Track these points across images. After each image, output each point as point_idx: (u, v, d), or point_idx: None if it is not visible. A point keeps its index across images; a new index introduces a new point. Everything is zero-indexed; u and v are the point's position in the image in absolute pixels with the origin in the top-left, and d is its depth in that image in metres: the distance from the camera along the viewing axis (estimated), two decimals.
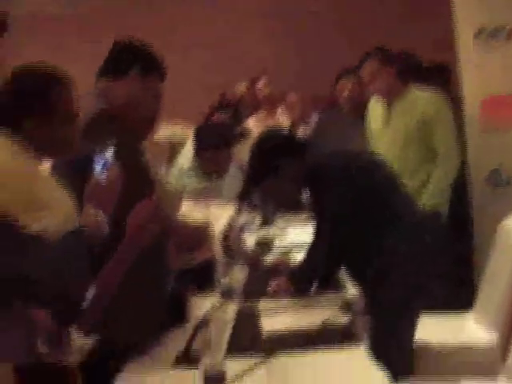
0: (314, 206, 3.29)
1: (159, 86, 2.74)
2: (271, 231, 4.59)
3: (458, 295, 3.99)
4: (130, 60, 2.62)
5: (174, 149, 5.12)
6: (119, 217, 2.01)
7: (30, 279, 1.57)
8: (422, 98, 4.25)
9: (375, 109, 4.42)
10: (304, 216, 4.83)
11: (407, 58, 5.06)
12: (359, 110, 4.66)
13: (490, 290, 3.52)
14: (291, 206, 5.25)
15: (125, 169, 2.11)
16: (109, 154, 2.08)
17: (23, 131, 2.01)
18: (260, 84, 6.00)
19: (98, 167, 2.07)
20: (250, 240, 4.38)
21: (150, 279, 2.52)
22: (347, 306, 2.80)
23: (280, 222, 4.84)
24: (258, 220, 4.99)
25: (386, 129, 4.27)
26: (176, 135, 5.38)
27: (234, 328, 2.70)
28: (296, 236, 4.31)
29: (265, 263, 3.70)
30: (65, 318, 1.83)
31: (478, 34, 4.45)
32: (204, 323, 2.40)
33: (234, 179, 4.92)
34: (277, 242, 4.27)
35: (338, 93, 5.13)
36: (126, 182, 2.09)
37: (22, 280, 1.56)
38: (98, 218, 1.89)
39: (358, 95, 4.67)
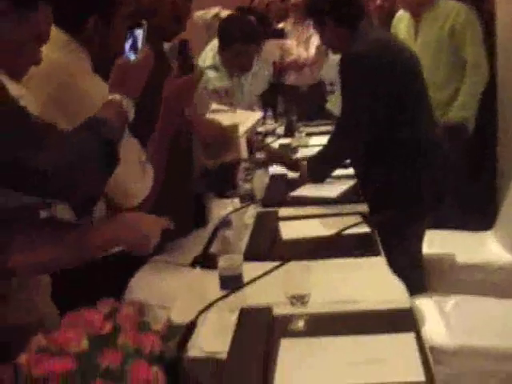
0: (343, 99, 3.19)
1: None
2: (294, 142, 4.53)
3: (478, 214, 3.95)
4: None
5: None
6: (143, 104, 1.88)
7: (46, 172, 1.52)
8: (451, 9, 4.16)
9: (403, 21, 4.33)
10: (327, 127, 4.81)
11: None
12: (390, 21, 4.54)
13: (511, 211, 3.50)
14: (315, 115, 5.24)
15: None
16: (139, 32, 1.89)
17: (84, 31, 1.96)
18: None
19: (126, 46, 1.88)
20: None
21: (179, 178, 2.53)
22: (368, 216, 2.76)
23: (303, 133, 4.76)
24: (281, 129, 4.98)
25: (414, 41, 4.18)
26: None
27: (253, 232, 2.71)
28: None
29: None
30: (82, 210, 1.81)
31: None
32: (223, 225, 2.38)
33: (257, 78, 4.90)
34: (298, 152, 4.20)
35: (369, 3, 5.00)
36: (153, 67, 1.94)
37: (37, 172, 1.51)
38: (123, 106, 1.77)
39: (389, 6, 4.53)
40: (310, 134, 4.73)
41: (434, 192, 3.11)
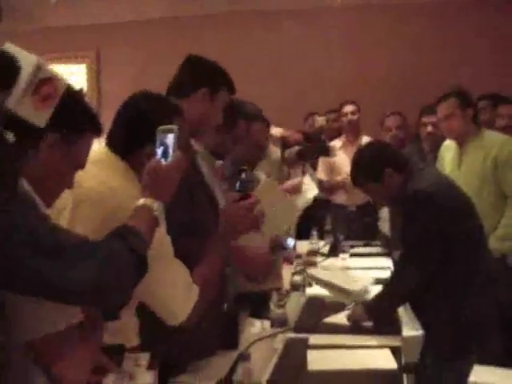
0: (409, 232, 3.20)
1: (227, 97, 2.77)
2: (337, 262, 4.52)
3: None
4: (199, 81, 2.65)
5: None
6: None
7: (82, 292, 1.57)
8: (495, 141, 4.16)
9: (449, 149, 4.36)
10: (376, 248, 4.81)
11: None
12: (438, 149, 4.58)
13: None
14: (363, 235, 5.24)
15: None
16: (171, 136, 1.93)
17: (138, 158, 2.06)
18: (349, 108, 5.98)
19: (158, 151, 1.92)
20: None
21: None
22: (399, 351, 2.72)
23: (347, 253, 4.76)
24: (326, 248, 4.98)
25: (458, 170, 4.20)
26: None
27: (279, 361, 2.68)
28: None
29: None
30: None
31: None
32: (246, 354, 2.36)
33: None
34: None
35: (421, 128, 5.07)
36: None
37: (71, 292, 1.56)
38: (153, 210, 1.82)
39: (440, 133, 4.57)
40: (354, 255, 4.72)
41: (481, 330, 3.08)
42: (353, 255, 4.71)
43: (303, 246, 4.91)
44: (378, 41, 7.31)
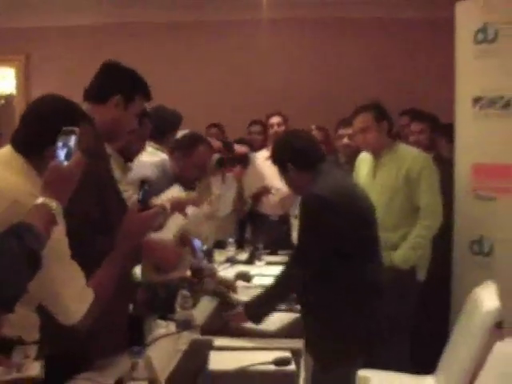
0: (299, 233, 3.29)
1: (142, 105, 2.84)
2: (253, 269, 4.62)
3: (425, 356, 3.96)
4: (113, 88, 2.69)
5: None
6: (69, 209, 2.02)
7: None
8: (408, 155, 4.29)
9: (364, 161, 4.47)
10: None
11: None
12: (354, 160, 4.70)
13: (452, 358, 3.50)
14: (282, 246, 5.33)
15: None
16: (72, 138, 2.00)
17: (41, 158, 2.09)
18: (275, 120, 6.07)
19: (59, 152, 1.98)
20: (229, 272, 4.43)
21: (119, 295, 2.59)
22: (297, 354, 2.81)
23: (263, 262, 4.87)
24: (243, 256, 5.06)
25: (373, 181, 4.31)
26: None
27: (181, 359, 2.75)
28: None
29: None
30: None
31: (475, 101, 4.50)
32: (145, 352, 2.43)
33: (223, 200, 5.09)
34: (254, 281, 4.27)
35: (337, 141, 5.21)
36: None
37: None
38: (52, 209, 1.88)
39: (356, 144, 4.70)
40: (271, 263, 4.81)
41: (366, 336, 3.15)
42: (268, 263, 4.80)
43: (221, 254, 5.00)
44: (307, 54, 7.51)
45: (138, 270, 3.44)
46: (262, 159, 5.77)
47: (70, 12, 7.54)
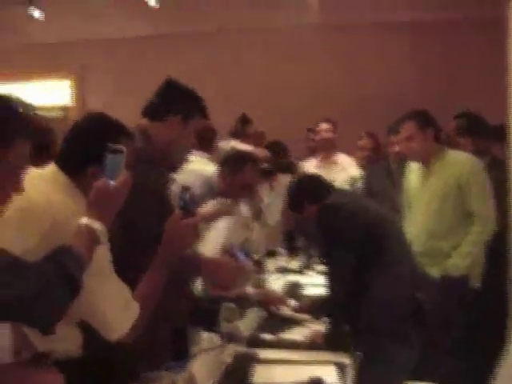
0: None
1: (200, 123, 2.83)
2: (304, 279, 4.57)
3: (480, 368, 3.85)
4: (173, 107, 2.69)
5: None
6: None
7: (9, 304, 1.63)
8: (457, 161, 4.17)
9: (413, 169, 4.36)
10: None
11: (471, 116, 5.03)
12: (405, 166, 4.60)
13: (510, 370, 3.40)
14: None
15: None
16: (119, 157, 2.00)
17: (84, 177, 2.09)
18: (323, 126, 6.01)
19: (106, 171, 1.98)
20: (280, 282, 4.40)
21: (167, 309, 2.60)
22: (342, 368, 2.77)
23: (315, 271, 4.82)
24: (294, 264, 5.02)
25: (423, 188, 4.20)
26: None
27: (225, 373, 2.73)
28: None
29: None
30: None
31: None
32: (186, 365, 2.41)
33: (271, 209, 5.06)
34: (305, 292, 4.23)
35: (388, 147, 5.12)
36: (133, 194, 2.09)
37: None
38: (96, 231, 1.89)
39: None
40: (323, 273, 4.74)
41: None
42: (320, 272, 4.73)
43: (272, 263, 4.97)
44: (356, 59, 7.42)
45: (197, 285, 3.44)
46: (311, 167, 5.75)
47: (124, 23, 7.63)
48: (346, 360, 2.93)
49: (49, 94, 8.71)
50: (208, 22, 7.54)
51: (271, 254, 5.23)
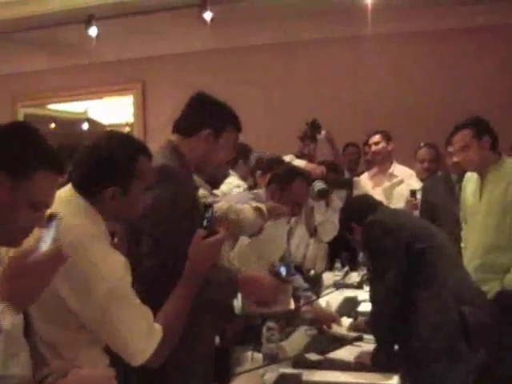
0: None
1: (235, 137, 2.76)
2: (361, 294, 4.45)
3: None
4: (202, 122, 2.64)
5: None
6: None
7: None
8: None
9: (470, 180, 4.16)
10: None
11: None
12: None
13: None
14: None
15: None
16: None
17: (102, 199, 2.08)
18: (374, 139, 5.88)
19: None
20: (336, 298, 4.29)
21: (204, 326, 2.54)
22: None
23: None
24: (350, 279, 4.92)
25: (479, 201, 3.99)
26: None
27: None
28: None
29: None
30: None
31: None
32: None
33: (326, 226, 4.98)
34: (361, 308, 4.11)
35: (447, 158, 4.95)
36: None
37: None
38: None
39: None
40: None
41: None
42: None
43: (328, 278, 4.87)
44: (415, 70, 7.25)
45: (236, 302, 3.36)
46: (366, 181, 5.65)
47: (184, 38, 7.66)
48: (394, 382, 2.81)
49: (113, 111, 8.86)
50: (265, 34, 7.53)
51: (329, 269, 5.14)
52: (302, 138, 5.61)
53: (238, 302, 3.29)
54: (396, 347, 3.09)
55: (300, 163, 4.84)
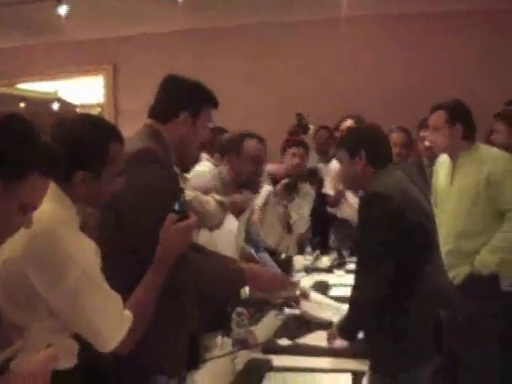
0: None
1: (211, 114, 2.69)
2: (332, 278, 4.45)
3: None
4: (178, 105, 2.56)
5: None
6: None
7: None
8: (488, 157, 3.87)
9: (442, 165, 4.14)
10: None
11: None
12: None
13: None
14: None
15: None
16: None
17: (72, 183, 2.04)
18: (346, 124, 5.78)
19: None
20: (306, 282, 4.27)
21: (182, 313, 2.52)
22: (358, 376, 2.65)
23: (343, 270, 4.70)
24: (321, 262, 4.93)
25: (450, 186, 3.98)
26: None
27: (236, 379, 2.63)
28: None
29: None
30: None
31: None
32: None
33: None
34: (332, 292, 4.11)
35: (418, 143, 4.95)
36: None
37: None
38: None
39: None
40: (351, 272, 4.61)
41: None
42: (349, 271, 4.60)
43: (299, 262, 4.87)
44: (389, 53, 7.26)
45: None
46: (334, 170, 5.58)
47: (157, 19, 7.57)
48: (364, 367, 2.79)
49: (84, 92, 8.76)
50: (240, 15, 7.47)
51: (300, 252, 5.17)
52: (291, 134, 5.69)
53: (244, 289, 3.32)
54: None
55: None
